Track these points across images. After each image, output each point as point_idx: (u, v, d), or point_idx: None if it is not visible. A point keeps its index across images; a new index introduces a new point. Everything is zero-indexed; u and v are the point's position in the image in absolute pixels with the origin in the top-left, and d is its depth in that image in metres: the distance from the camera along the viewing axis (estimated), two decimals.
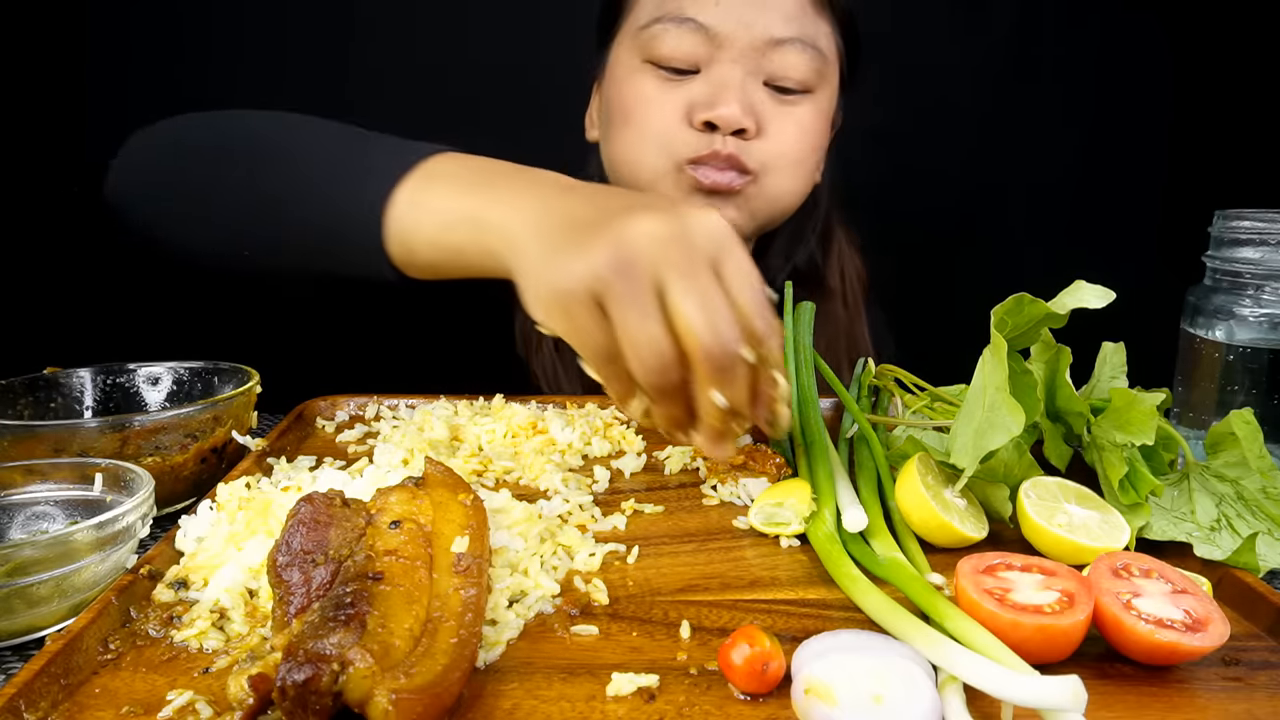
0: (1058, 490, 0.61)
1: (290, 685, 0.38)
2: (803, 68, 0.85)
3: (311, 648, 0.39)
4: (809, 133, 0.88)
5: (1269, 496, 0.60)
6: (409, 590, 0.45)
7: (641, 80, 0.87)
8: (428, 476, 0.56)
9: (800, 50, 0.84)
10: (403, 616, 0.43)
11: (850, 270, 1.04)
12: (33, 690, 0.41)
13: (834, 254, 1.03)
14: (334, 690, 0.38)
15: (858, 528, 0.58)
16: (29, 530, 0.60)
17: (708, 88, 0.84)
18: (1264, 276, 0.73)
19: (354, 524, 0.50)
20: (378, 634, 0.41)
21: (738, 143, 0.84)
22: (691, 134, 0.85)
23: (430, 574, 0.47)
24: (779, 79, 0.85)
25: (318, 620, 0.42)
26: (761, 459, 0.70)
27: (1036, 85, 1.42)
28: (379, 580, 0.45)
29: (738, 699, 0.43)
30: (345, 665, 0.38)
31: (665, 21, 0.84)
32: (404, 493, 0.53)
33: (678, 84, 0.86)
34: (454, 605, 0.45)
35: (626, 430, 0.80)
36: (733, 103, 0.82)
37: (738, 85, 0.83)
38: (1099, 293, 0.58)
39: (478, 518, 0.53)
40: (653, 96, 0.86)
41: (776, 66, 0.85)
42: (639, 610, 0.52)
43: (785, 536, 0.61)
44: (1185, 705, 0.44)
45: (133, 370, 0.81)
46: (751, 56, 0.84)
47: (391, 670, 0.39)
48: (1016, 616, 0.45)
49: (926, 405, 0.73)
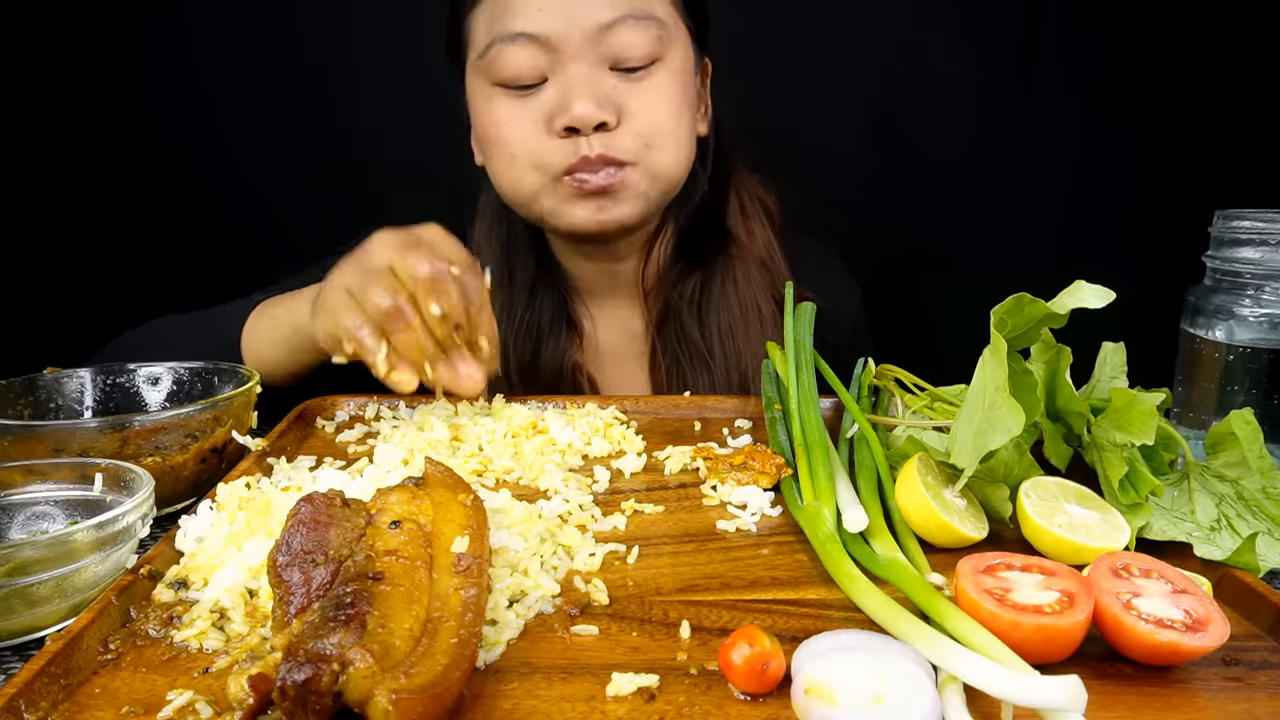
0: (1058, 490, 0.61)
1: (290, 685, 0.38)
2: (643, 42, 0.85)
3: (311, 648, 0.39)
4: (669, 98, 0.88)
5: (1269, 496, 0.60)
6: (409, 590, 0.45)
7: (496, 105, 0.88)
8: (428, 476, 0.56)
9: (633, 25, 0.84)
10: (403, 616, 0.43)
11: (755, 206, 1.02)
12: (33, 690, 0.41)
13: (733, 193, 1.02)
14: (334, 690, 0.38)
15: (858, 528, 0.58)
16: (29, 530, 0.60)
17: (557, 93, 0.84)
18: (1264, 276, 0.73)
19: (354, 524, 0.50)
20: (378, 634, 0.41)
21: (603, 138, 0.85)
22: (557, 143, 0.85)
23: (430, 574, 0.47)
24: (623, 60, 0.85)
25: (318, 620, 0.42)
26: (761, 459, 0.70)
27: (1038, 87, 1.42)
28: (379, 580, 0.45)
29: (738, 699, 0.43)
30: (345, 665, 0.38)
31: (498, 43, 0.85)
32: (404, 493, 0.53)
33: (530, 98, 0.86)
34: (454, 605, 0.45)
35: (626, 430, 0.80)
36: (585, 100, 0.83)
37: (585, 82, 0.83)
38: (1099, 293, 0.58)
39: (478, 518, 0.53)
40: (510, 118, 0.87)
41: (616, 49, 0.84)
42: (639, 610, 0.52)
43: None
44: (1185, 705, 0.44)
45: (133, 370, 0.81)
46: (589, 49, 0.84)
47: (392, 670, 0.39)
48: (1016, 616, 0.45)
49: (926, 405, 0.73)
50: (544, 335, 0.99)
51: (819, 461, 0.65)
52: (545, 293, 1.00)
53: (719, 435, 0.82)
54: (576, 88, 0.83)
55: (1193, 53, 1.39)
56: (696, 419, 0.86)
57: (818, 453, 0.66)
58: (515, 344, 0.98)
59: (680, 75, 0.89)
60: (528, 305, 0.99)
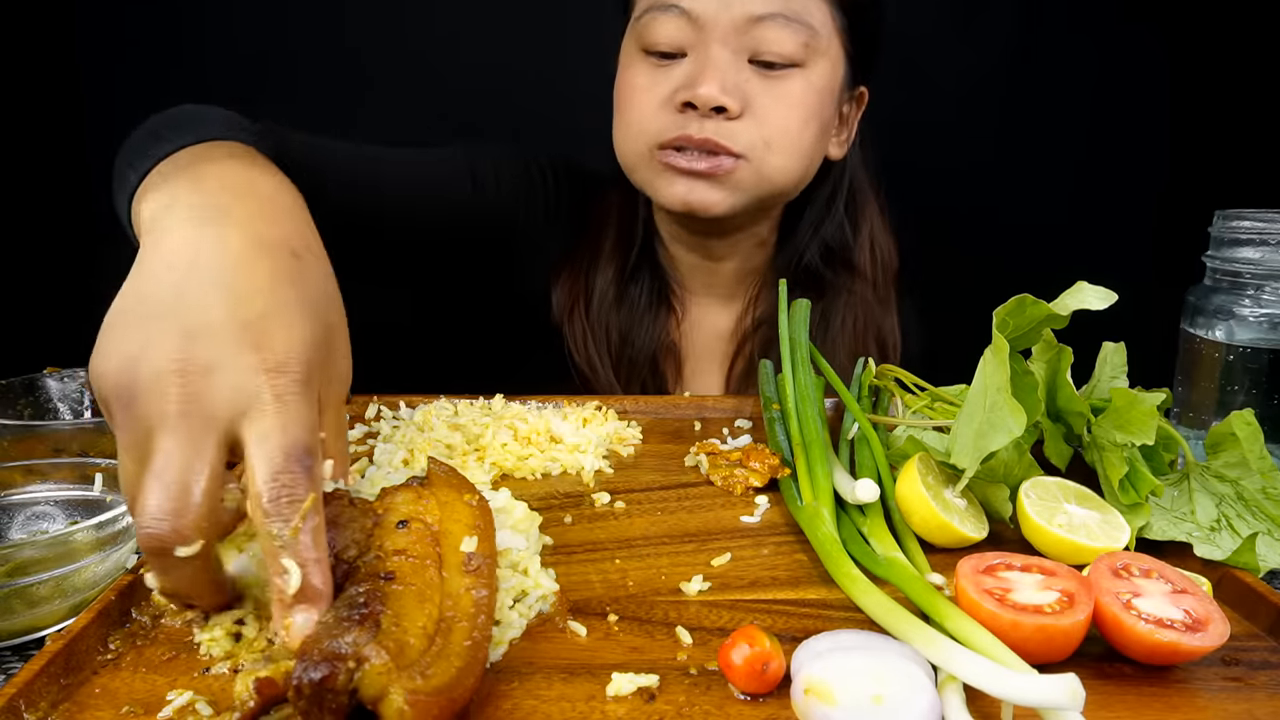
0: (1058, 490, 0.61)
1: (306, 684, 0.38)
2: (787, 42, 0.85)
3: (327, 646, 0.39)
4: (799, 107, 0.88)
5: (1269, 497, 0.60)
6: (421, 589, 0.45)
7: (636, 69, 0.90)
8: (432, 476, 0.56)
9: (783, 25, 0.85)
10: (416, 615, 0.43)
11: (882, 252, 1.03)
12: (33, 690, 0.41)
13: (865, 232, 1.02)
14: (349, 688, 0.38)
15: (870, 498, 0.59)
16: (29, 530, 0.60)
17: (691, 70, 0.86)
18: (1264, 276, 0.73)
19: (362, 524, 0.50)
20: (392, 632, 0.41)
21: (718, 125, 0.85)
22: (668, 117, 0.87)
23: (440, 573, 0.47)
24: (763, 54, 0.86)
25: (332, 620, 0.42)
26: (760, 458, 0.70)
27: (1037, 87, 1.42)
28: (391, 580, 0.45)
29: (738, 699, 0.43)
30: (361, 662, 0.39)
31: (653, 10, 0.87)
32: (409, 492, 0.53)
33: (667, 69, 0.88)
34: (466, 606, 0.45)
35: (626, 430, 0.80)
36: (711, 82, 0.84)
37: (719, 65, 0.85)
38: (1101, 294, 0.58)
39: (484, 518, 0.53)
40: (642, 84, 0.89)
41: (759, 42, 0.85)
42: (639, 610, 0.52)
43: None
44: (1185, 705, 0.44)
45: None
46: (734, 37, 0.85)
47: (408, 669, 0.39)
48: (1016, 616, 0.45)
49: (927, 405, 0.73)
50: (643, 312, 1.00)
51: (817, 461, 0.65)
52: (649, 271, 1.01)
53: (719, 435, 0.82)
54: (709, 69, 0.84)
55: (1192, 53, 1.39)
56: (696, 419, 0.86)
57: (816, 452, 0.66)
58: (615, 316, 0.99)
59: (819, 90, 0.89)
60: (632, 278, 1.00)
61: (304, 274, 0.50)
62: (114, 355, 0.44)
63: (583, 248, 1.01)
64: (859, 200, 1.02)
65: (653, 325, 1.00)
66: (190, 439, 0.42)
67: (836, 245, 1.00)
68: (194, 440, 0.42)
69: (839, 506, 0.62)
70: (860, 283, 1.01)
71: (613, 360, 0.99)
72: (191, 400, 0.42)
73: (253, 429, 0.43)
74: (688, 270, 1.03)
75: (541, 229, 1.01)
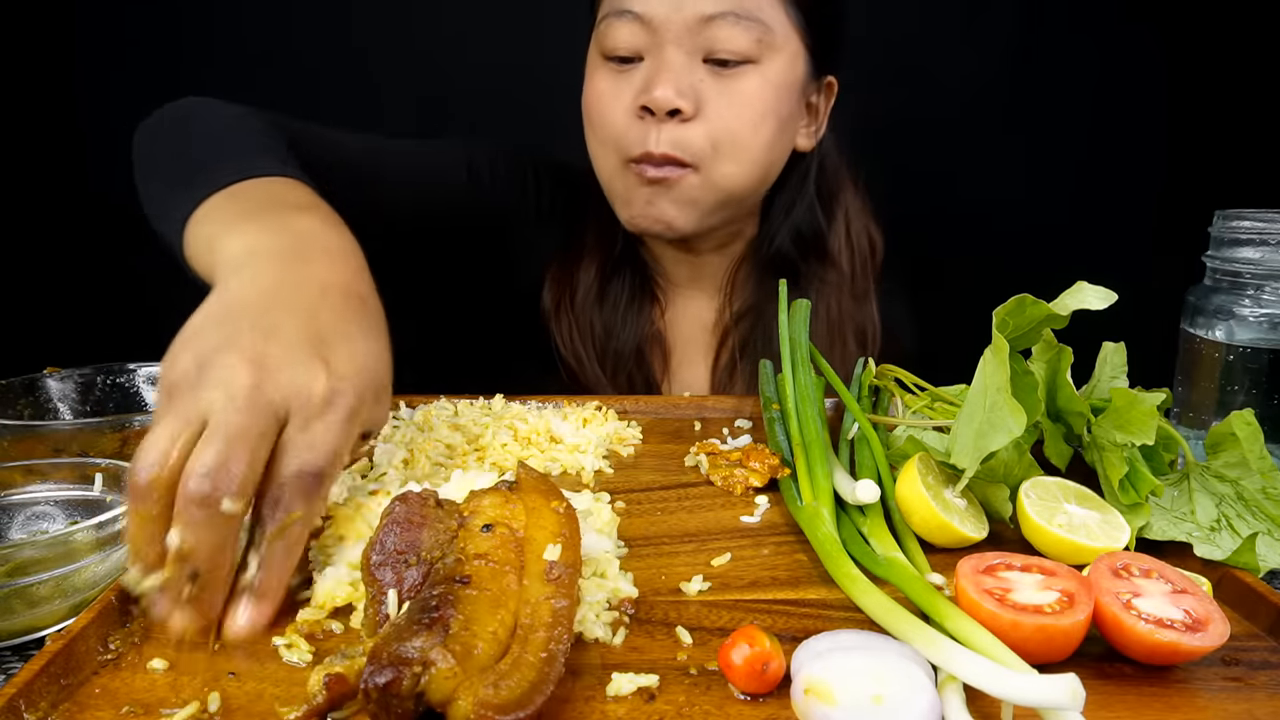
0: (1058, 490, 0.61)
1: (373, 688, 0.38)
2: (740, 39, 0.86)
3: (395, 650, 0.39)
4: (752, 105, 0.88)
5: (1269, 497, 0.60)
6: (495, 595, 0.45)
7: (599, 76, 0.91)
8: (521, 481, 0.55)
9: (734, 23, 0.85)
10: (487, 620, 0.43)
11: (861, 240, 1.03)
12: (33, 690, 0.41)
13: (839, 219, 1.02)
14: (416, 692, 0.38)
15: (870, 499, 0.59)
16: (29, 530, 0.60)
17: (648, 73, 0.87)
18: (1264, 276, 0.73)
19: (446, 526, 0.50)
20: (460, 636, 0.41)
21: (674, 131, 0.86)
22: (634, 129, 0.87)
23: (520, 580, 0.47)
24: (717, 53, 0.86)
25: (403, 623, 0.42)
26: (760, 458, 0.70)
27: (1038, 88, 1.42)
28: (466, 584, 0.45)
29: (738, 699, 0.43)
30: (427, 666, 0.39)
31: (609, 16, 0.88)
32: (497, 496, 0.53)
33: (628, 74, 0.89)
34: (544, 615, 0.45)
35: (626, 430, 0.80)
36: (666, 84, 0.84)
37: (673, 67, 0.85)
38: (1101, 294, 0.58)
39: (570, 526, 0.52)
40: (606, 90, 0.90)
41: (713, 42, 0.86)
42: (639, 610, 0.52)
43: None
44: (1185, 705, 0.44)
45: (133, 370, 0.81)
46: (688, 37, 0.86)
47: (481, 674, 0.39)
48: (1016, 616, 0.45)
49: (927, 405, 0.73)
50: (626, 306, 1.01)
51: (817, 461, 0.65)
52: (631, 266, 1.02)
53: (719, 435, 0.82)
54: (663, 71, 0.85)
55: (1191, 53, 1.39)
56: (696, 419, 0.86)
57: (816, 452, 0.66)
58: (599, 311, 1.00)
59: (776, 86, 0.89)
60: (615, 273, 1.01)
61: (368, 317, 0.56)
62: (192, 345, 0.49)
63: (569, 245, 1.02)
64: (832, 187, 1.02)
65: (636, 319, 1.01)
66: (251, 414, 0.46)
67: (809, 232, 1.00)
68: (254, 415, 0.47)
69: (839, 506, 0.62)
70: (834, 271, 1.01)
71: (598, 354, 1.00)
72: (258, 387, 0.47)
73: (289, 430, 0.48)
74: (670, 263, 1.04)
75: (534, 226, 1.02)
